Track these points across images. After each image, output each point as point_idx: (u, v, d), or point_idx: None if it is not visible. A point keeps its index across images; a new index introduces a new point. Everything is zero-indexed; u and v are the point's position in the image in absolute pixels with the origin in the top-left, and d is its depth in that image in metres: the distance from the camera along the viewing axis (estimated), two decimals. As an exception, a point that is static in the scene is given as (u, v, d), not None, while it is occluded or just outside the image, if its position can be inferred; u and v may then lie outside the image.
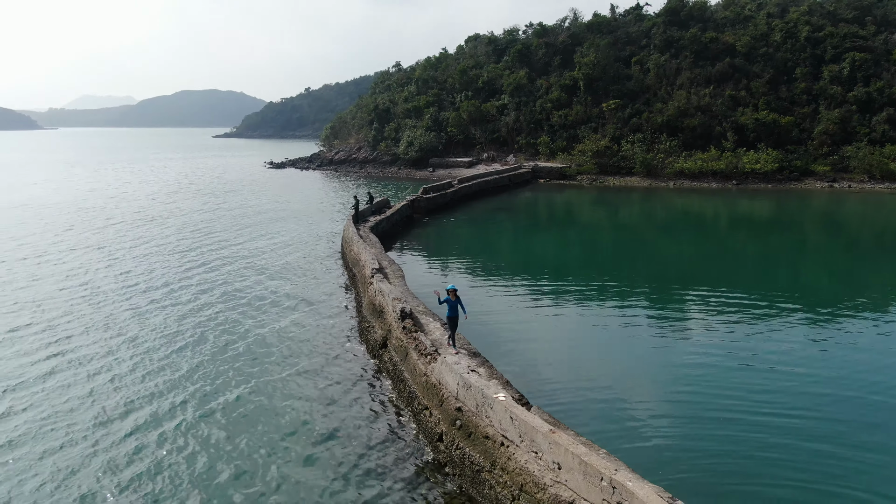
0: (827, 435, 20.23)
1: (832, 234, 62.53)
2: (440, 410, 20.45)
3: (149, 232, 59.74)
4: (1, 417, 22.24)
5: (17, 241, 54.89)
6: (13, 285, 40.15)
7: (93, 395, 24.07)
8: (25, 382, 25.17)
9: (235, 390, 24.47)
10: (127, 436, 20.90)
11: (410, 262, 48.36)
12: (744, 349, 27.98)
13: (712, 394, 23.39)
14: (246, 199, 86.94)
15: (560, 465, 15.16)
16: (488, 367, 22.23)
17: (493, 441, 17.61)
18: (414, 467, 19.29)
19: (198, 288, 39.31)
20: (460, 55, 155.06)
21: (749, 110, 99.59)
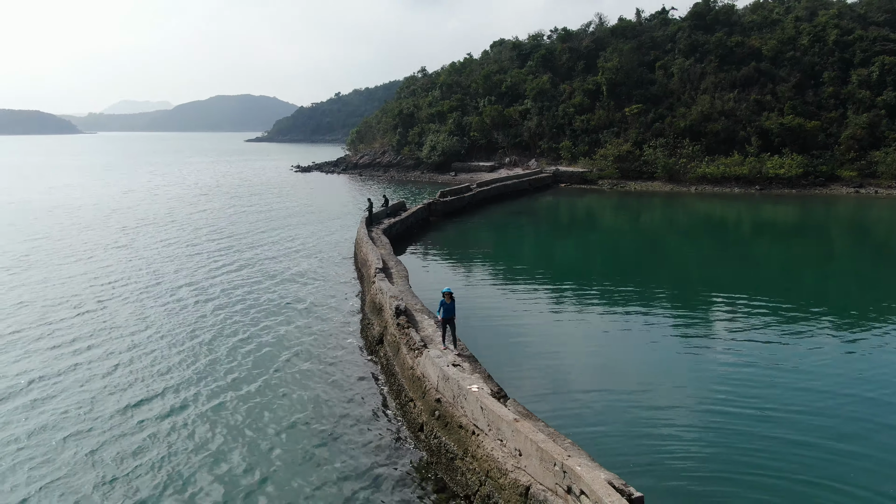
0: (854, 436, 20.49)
1: (858, 239, 61.61)
2: (423, 402, 21.43)
3: (176, 232, 62.00)
4: (31, 404, 23.88)
5: (52, 241, 57.58)
6: (48, 283, 42.33)
7: (113, 385, 25.61)
8: (48, 373, 26.89)
9: (241, 384, 25.75)
10: (141, 422, 22.30)
11: (420, 263, 49.46)
12: (766, 357, 27.72)
13: (738, 401, 23.20)
14: (270, 202, 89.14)
15: (521, 452, 16.00)
16: (473, 361, 23.14)
17: (466, 430, 18.50)
18: (397, 458, 20.25)
19: (218, 288, 40.90)
20: (485, 60, 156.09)
21: (774, 115, 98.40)
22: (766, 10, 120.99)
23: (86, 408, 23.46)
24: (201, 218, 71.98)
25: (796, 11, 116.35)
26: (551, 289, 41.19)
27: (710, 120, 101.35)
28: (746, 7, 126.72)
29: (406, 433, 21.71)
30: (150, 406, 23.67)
